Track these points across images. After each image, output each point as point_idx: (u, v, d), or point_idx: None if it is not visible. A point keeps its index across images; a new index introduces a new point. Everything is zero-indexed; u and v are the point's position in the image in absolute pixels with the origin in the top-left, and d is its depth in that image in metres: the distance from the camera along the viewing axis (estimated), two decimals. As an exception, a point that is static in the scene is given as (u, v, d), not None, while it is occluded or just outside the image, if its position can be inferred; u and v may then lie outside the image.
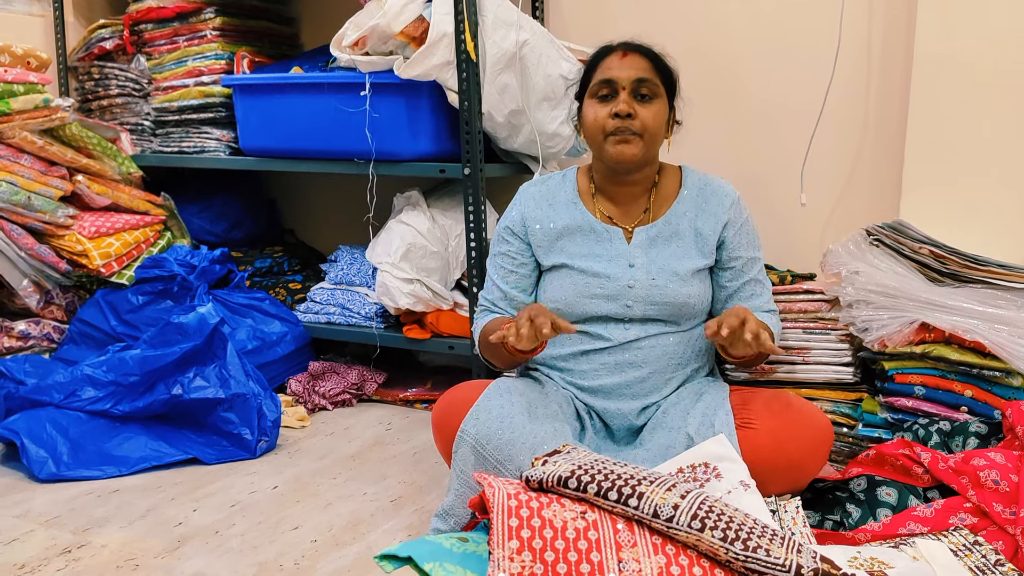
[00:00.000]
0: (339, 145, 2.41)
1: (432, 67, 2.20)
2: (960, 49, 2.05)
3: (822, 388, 2.02)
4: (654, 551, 1.14)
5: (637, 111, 1.70)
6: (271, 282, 2.83)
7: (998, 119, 2.04)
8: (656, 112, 1.72)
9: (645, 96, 1.72)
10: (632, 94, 1.71)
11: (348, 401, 2.57)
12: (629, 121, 1.69)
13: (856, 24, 2.27)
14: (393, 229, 2.46)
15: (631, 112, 1.69)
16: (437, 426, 1.74)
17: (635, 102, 1.71)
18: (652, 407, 1.75)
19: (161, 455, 2.11)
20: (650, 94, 1.72)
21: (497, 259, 1.85)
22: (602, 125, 1.72)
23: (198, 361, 2.18)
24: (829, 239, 2.30)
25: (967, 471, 1.55)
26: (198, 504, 1.90)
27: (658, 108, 1.73)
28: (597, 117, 1.72)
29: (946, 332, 1.80)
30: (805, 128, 2.32)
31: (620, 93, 1.71)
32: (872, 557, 1.37)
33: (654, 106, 1.72)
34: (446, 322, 2.46)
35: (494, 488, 1.18)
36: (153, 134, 2.81)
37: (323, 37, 2.55)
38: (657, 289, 1.72)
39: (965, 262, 1.86)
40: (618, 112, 1.69)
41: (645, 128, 1.70)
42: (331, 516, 1.84)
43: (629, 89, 1.71)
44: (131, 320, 2.49)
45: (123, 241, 2.58)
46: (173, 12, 2.68)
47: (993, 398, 1.78)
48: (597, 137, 1.74)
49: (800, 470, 1.62)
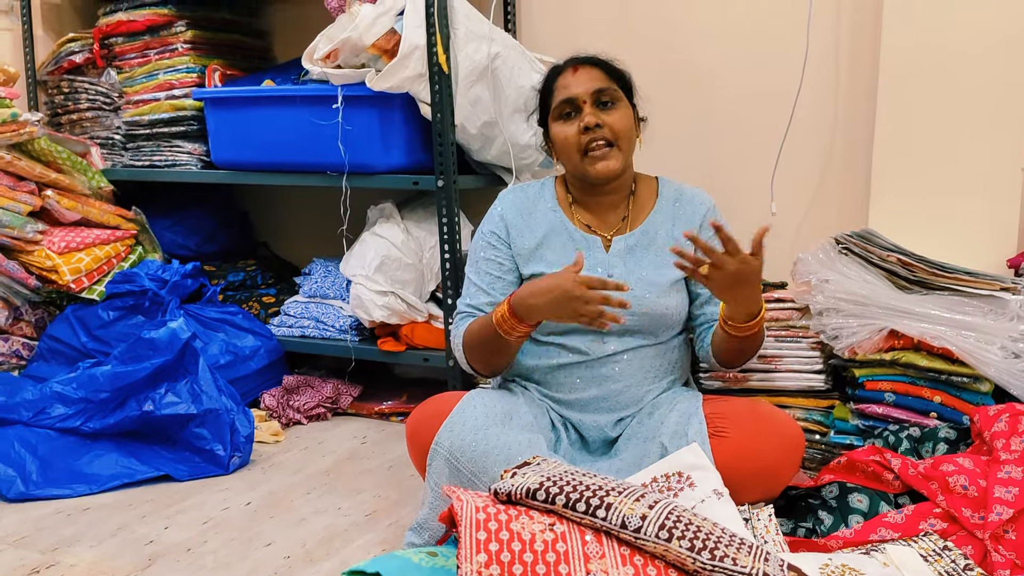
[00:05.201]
0: (312, 158, 2.40)
1: (404, 79, 2.20)
2: (926, 60, 2.08)
3: (794, 396, 2.03)
4: (622, 562, 1.13)
5: (604, 120, 1.71)
6: (244, 296, 2.82)
7: (964, 129, 2.07)
8: (621, 116, 1.73)
9: (607, 103, 1.73)
10: (594, 105, 1.72)
11: (323, 415, 2.55)
12: (599, 131, 1.70)
13: (824, 35, 2.30)
14: (367, 241, 2.46)
15: (598, 123, 1.70)
16: (411, 438, 1.73)
17: (599, 112, 1.72)
18: (628, 418, 1.76)
19: (132, 472, 2.09)
20: (611, 100, 1.73)
21: (482, 265, 1.81)
22: (575, 143, 1.72)
23: (169, 377, 2.16)
24: (799, 247, 2.31)
25: (936, 477, 1.57)
26: (170, 521, 1.88)
27: (622, 112, 1.74)
28: (568, 137, 1.73)
29: (915, 339, 1.82)
30: (775, 138, 2.35)
31: (583, 107, 1.72)
32: (843, 564, 1.37)
33: (618, 111, 1.73)
34: (421, 334, 2.45)
35: (462, 501, 1.17)
36: (124, 148, 2.79)
37: (295, 50, 2.55)
38: (636, 300, 1.72)
39: (932, 269, 1.88)
40: (586, 125, 1.70)
41: (616, 134, 1.72)
42: (305, 532, 1.82)
43: (590, 101, 1.72)
44: (102, 336, 2.47)
45: (93, 256, 2.55)
46: (144, 25, 2.66)
47: (962, 404, 1.80)
48: (574, 157, 1.74)
49: (773, 478, 1.63)
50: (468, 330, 1.76)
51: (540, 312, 1.60)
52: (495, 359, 1.75)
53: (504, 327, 1.64)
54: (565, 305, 1.55)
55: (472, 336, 1.74)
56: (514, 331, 1.64)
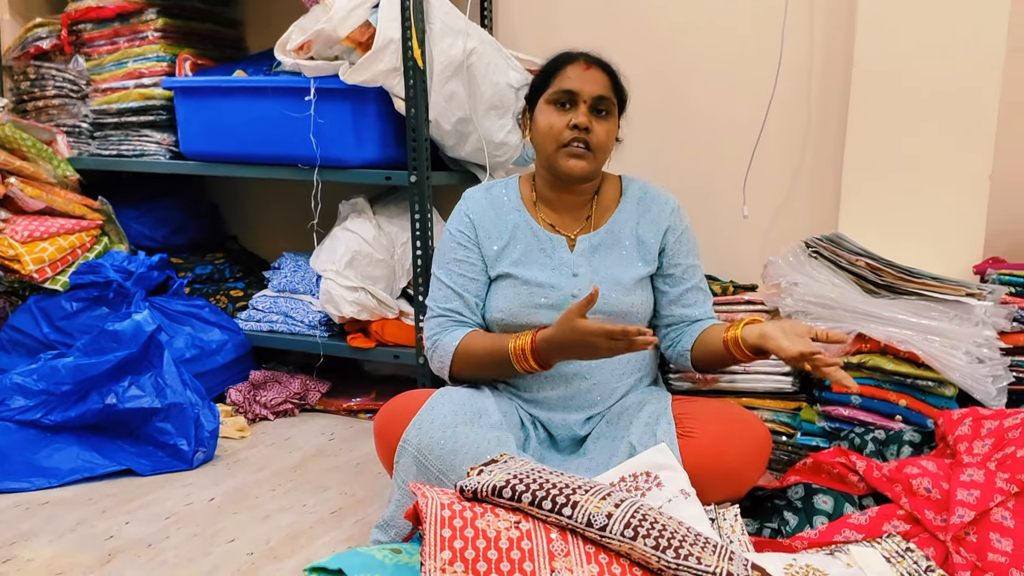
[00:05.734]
0: (283, 150, 2.38)
1: (378, 73, 2.18)
2: (898, 67, 2.11)
3: (762, 397, 2.04)
4: (587, 560, 1.13)
5: (594, 127, 1.71)
6: (212, 289, 2.78)
7: (933, 135, 2.10)
8: (609, 129, 1.74)
9: (602, 112, 1.74)
10: (591, 109, 1.72)
11: (290, 411, 2.52)
12: (585, 134, 1.71)
13: (797, 41, 2.32)
14: (338, 236, 2.43)
15: (589, 127, 1.70)
16: (379, 436, 1.71)
17: (592, 117, 1.72)
18: (596, 417, 1.76)
19: (93, 466, 2.05)
20: (606, 111, 1.74)
21: (453, 267, 1.79)
22: (557, 135, 1.72)
23: (133, 370, 2.13)
24: (770, 250, 2.33)
25: (900, 479, 1.58)
26: (131, 516, 1.85)
27: (611, 125, 1.75)
28: (553, 125, 1.72)
29: (881, 343, 1.84)
30: (747, 142, 2.36)
31: (580, 106, 1.71)
32: (808, 564, 1.38)
33: (608, 123, 1.74)
34: (391, 331, 2.44)
35: (428, 498, 1.16)
36: (91, 136, 2.74)
37: (268, 41, 2.52)
38: (601, 298, 1.72)
39: (900, 274, 1.90)
40: (577, 124, 1.70)
41: (599, 145, 1.72)
42: (269, 528, 1.80)
43: (589, 104, 1.72)
44: (64, 327, 2.42)
45: (57, 246, 2.50)
46: (113, 12, 2.62)
47: (926, 407, 1.82)
48: (549, 146, 1.74)
49: (739, 478, 1.64)
50: (465, 346, 1.72)
51: (564, 359, 1.65)
52: (492, 377, 1.78)
53: (522, 364, 1.66)
54: (593, 354, 1.59)
55: (473, 355, 1.72)
56: (525, 365, 1.67)
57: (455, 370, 1.75)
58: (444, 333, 1.76)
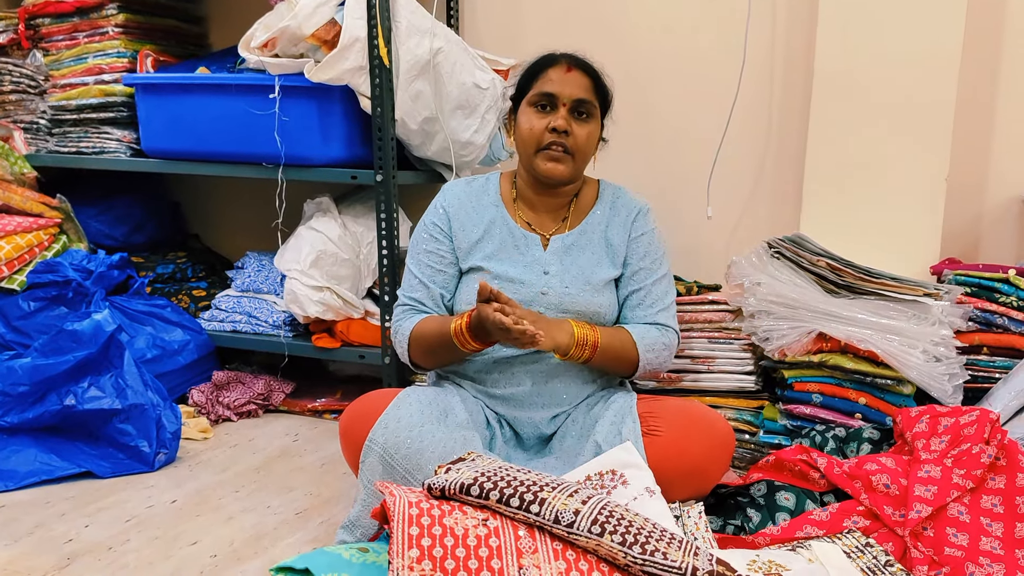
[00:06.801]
0: (247, 148, 2.35)
1: (344, 71, 2.17)
2: (858, 70, 2.14)
3: (726, 396, 2.06)
4: (555, 556, 1.14)
5: (573, 129, 1.72)
6: (174, 288, 2.74)
7: (893, 138, 2.14)
8: (590, 132, 1.75)
9: (583, 114, 1.75)
10: (571, 111, 1.73)
11: (254, 412, 2.50)
12: (564, 137, 1.72)
13: (760, 44, 2.35)
14: (303, 236, 2.41)
15: (567, 130, 1.71)
16: (345, 435, 1.70)
17: (573, 120, 1.73)
18: (562, 415, 1.76)
19: (51, 469, 2.01)
20: (587, 113, 1.75)
21: (423, 257, 1.81)
22: (537, 137, 1.73)
23: (93, 370, 2.09)
24: (733, 251, 2.37)
25: (860, 476, 1.61)
26: (90, 520, 1.82)
27: (592, 128, 1.76)
28: (533, 128, 1.73)
29: (842, 342, 1.87)
30: (711, 143, 2.39)
31: (560, 108, 1.73)
32: (770, 560, 1.40)
33: (589, 126, 1.75)
34: (357, 331, 2.42)
35: (395, 496, 1.16)
36: (49, 133, 2.69)
37: (232, 37, 2.49)
38: (570, 297, 1.74)
39: (860, 274, 1.94)
40: (555, 127, 1.71)
41: (577, 148, 1.74)
42: (233, 530, 1.78)
43: (569, 107, 1.73)
44: (22, 327, 2.37)
45: (14, 244, 2.45)
46: (73, 7, 2.57)
47: (885, 405, 1.86)
48: (529, 148, 1.75)
49: (703, 476, 1.66)
50: (418, 330, 1.75)
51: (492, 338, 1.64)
52: (445, 360, 1.78)
53: (459, 339, 1.67)
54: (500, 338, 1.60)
55: (424, 339, 1.74)
56: (468, 345, 1.68)
57: (412, 355, 1.79)
58: (404, 320, 1.80)
